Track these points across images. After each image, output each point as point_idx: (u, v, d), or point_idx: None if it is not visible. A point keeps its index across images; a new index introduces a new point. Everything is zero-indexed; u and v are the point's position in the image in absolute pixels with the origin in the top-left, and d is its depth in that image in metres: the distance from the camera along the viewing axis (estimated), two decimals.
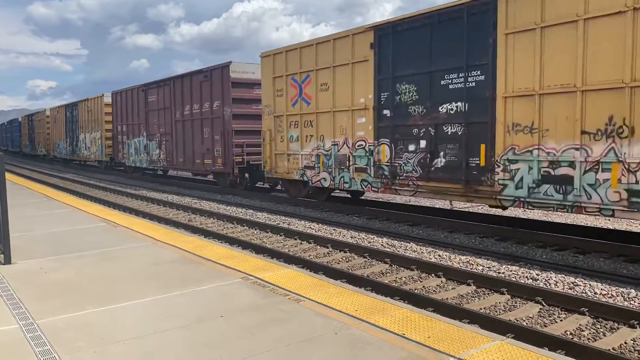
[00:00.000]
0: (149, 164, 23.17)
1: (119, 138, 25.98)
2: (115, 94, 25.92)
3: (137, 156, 24.14)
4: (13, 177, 20.74)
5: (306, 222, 11.76)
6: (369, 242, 9.59)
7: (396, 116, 11.17)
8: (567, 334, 5.34)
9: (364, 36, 11.71)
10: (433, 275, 7.41)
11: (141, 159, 23.76)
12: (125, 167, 26.47)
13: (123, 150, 25.69)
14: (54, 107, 38.76)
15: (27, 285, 5.19)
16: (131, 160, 24.90)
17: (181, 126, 20.11)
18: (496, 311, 6.07)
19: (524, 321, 5.68)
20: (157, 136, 22.01)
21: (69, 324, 4.12)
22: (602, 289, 6.57)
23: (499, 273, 7.44)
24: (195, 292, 4.92)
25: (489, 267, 7.72)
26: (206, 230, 11.09)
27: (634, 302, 6.18)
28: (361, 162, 12.08)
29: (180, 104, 20.09)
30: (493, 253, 8.52)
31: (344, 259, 8.59)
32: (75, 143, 33.32)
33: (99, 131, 28.92)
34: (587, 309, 5.77)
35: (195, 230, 10.94)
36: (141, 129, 23.41)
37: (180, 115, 20.11)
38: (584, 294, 6.46)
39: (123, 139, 25.55)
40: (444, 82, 10.12)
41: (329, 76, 12.72)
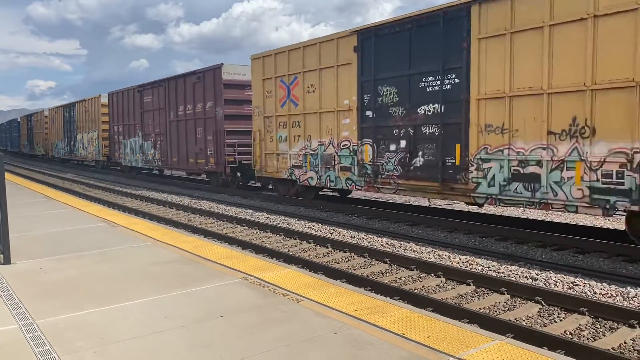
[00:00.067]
0: (144, 164, 23.34)
1: (116, 138, 26.11)
2: (112, 95, 26.12)
3: (133, 156, 24.27)
4: (12, 177, 20.73)
5: (306, 222, 11.76)
6: (369, 242, 9.59)
7: (378, 117, 11.54)
8: (566, 333, 5.34)
9: (348, 40, 12.06)
10: (433, 275, 7.41)
11: (137, 158, 23.91)
12: (121, 166, 26.62)
13: (119, 150, 25.81)
14: (53, 107, 38.88)
15: (26, 286, 5.18)
16: (127, 160, 25.04)
17: (175, 126, 20.29)
18: (496, 311, 6.07)
19: (523, 321, 5.68)
20: (152, 136, 22.15)
21: (68, 324, 4.12)
22: (601, 289, 6.58)
23: (498, 273, 7.45)
24: (195, 292, 4.92)
25: (488, 267, 7.73)
26: (206, 230, 11.09)
27: (634, 301, 6.18)
28: (346, 162, 12.42)
29: (174, 104, 20.25)
30: (493, 253, 8.53)
31: (343, 258, 8.59)
32: (73, 143, 33.42)
33: (96, 131, 29.03)
34: (586, 309, 5.78)
35: (195, 230, 10.94)
36: (137, 129, 23.57)
37: (175, 116, 20.28)
38: (583, 294, 6.47)
39: (119, 139, 25.67)
40: (422, 84, 10.52)
41: (315, 78, 13.01)
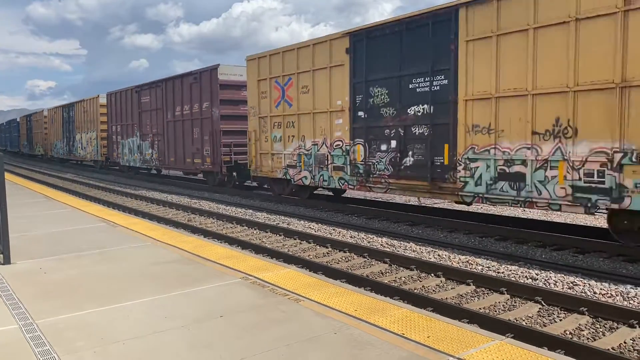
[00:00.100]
0: (142, 164, 23.44)
1: (114, 138, 26.21)
2: (110, 95, 26.24)
3: (131, 156, 24.36)
4: (12, 177, 20.72)
5: (305, 222, 11.76)
6: (369, 242, 9.59)
7: (370, 118, 11.71)
8: (566, 333, 5.34)
9: (341, 41, 12.23)
10: (432, 275, 7.41)
11: (135, 158, 24.00)
12: (120, 166, 26.69)
13: (117, 150, 25.90)
14: (52, 107, 38.98)
15: (26, 285, 5.18)
16: (125, 159, 25.14)
17: (172, 126, 20.39)
18: (496, 311, 6.07)
19: (523, 321, 5.68)
20: (150, 136, 22.25)
21: (68, 324, 4.12)
22: (601, 289, 6.58)
23: (498, 273, 7.45)
24: (195, 292, 4.91)
25: (488, 267, 7.73)
26: (206, 230, 11.09)
27: (633, 301, 6.18)
28: (339, 161, 12.60)
29: (171, 105, 20.36)
30: (492, 253, 8.53)
31: (343, 258, 8.59)
32: (72, 143, 33.49)
33: (94, 131, 29.10)
34: (586, 309, 5.78)
35: (195, 230, 10.94)
36: (134, 129, 23.67)
37: (172, 116, 20.38)
38: (583, 294, 6.47)
39: (117, 139, 25.76)
40: (412, 85, 10.70)
41: (309, 79, 13.16)
